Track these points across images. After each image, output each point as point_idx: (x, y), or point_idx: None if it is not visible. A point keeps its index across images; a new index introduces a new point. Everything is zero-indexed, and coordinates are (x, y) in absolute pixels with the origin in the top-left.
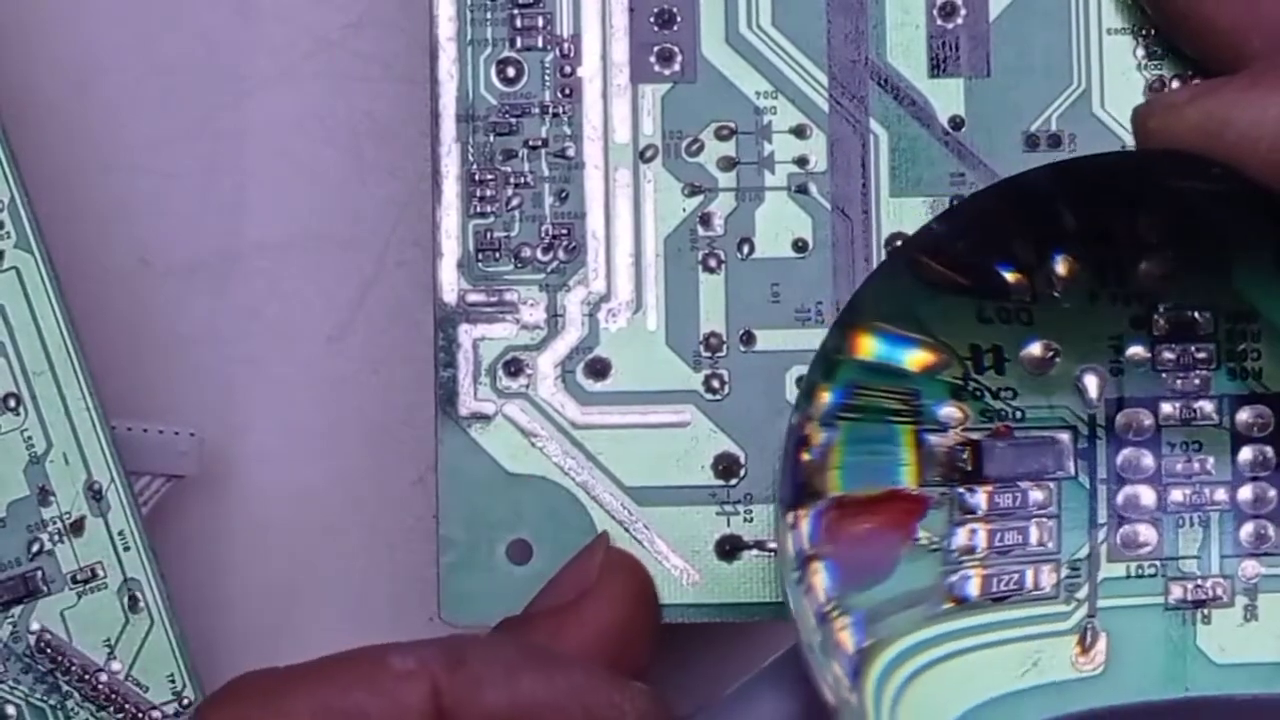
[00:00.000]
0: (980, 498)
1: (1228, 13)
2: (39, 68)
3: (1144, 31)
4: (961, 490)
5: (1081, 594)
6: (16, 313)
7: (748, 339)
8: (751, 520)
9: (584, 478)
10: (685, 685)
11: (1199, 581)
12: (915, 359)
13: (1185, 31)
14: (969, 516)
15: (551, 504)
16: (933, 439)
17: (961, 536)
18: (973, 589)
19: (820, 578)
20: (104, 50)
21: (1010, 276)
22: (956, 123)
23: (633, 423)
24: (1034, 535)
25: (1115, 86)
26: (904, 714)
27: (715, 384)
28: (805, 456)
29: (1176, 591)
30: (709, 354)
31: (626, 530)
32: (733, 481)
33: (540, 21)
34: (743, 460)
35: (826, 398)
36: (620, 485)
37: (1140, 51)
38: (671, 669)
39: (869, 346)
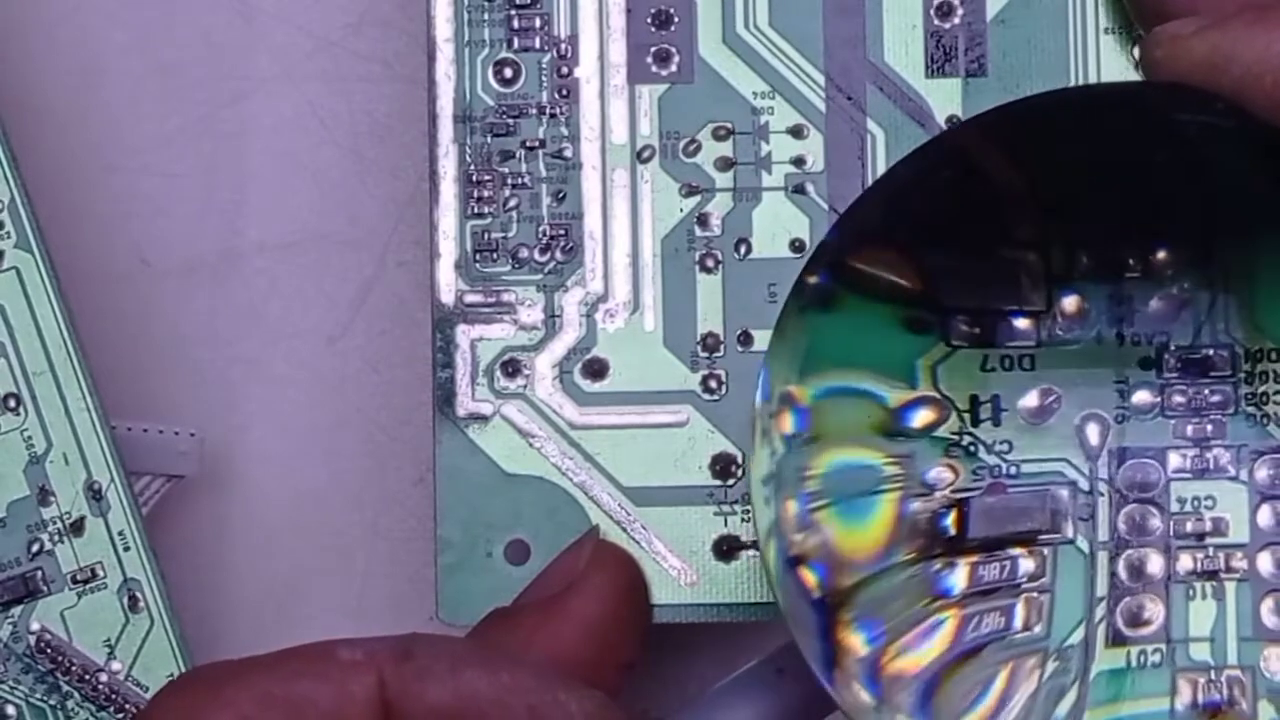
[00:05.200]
0: (959, 574)
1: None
2: (39, 68)
3: (1141, 31)
4: (938, 568)
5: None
6: (16, 313)
7: (745, 339)
8: (749, 520)
9: (582, 478)
10: (682, 685)
11: (1211, 675)
12: (920, 416)
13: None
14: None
15: (549, 504)
16: (915, 505)
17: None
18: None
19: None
20: (104, 50)
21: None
22: (954, 122)
23: (630, 423)
24: (1019, 617)
25: None
26: None
27: (713, 384)
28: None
29: (1185, 691)
30: (706, 354)
31: (624, 530)
32: (730, 482)
33: (537, 22)
34: (740, 460)
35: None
36: (618, 485)
37: (1137, 51)
38: (668, 669)
39: None
